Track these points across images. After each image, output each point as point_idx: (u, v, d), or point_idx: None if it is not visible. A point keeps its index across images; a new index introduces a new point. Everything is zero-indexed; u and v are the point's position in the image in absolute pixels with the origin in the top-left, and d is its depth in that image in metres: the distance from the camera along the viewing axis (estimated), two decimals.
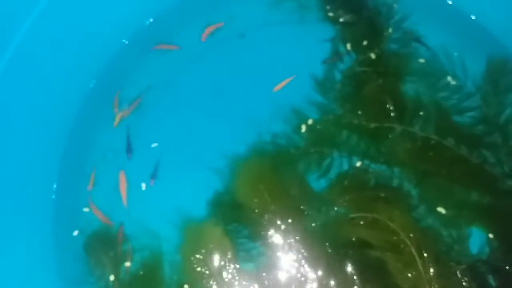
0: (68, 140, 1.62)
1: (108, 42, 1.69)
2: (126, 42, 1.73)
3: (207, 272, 1.45)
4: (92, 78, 1.69)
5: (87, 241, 1.52)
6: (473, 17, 1.67)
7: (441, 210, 1.49)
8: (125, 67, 1.71)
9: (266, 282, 1.44)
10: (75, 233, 1.54)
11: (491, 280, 1.40)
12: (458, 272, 1.41)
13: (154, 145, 1.62)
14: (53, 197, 1.58)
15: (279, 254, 1.46)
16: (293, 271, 1.45)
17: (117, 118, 1.60)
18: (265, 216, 1.50)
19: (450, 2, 1.70)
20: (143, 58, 1.73)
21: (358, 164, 1.55)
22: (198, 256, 1.47)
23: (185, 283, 1.46)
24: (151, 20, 1.74)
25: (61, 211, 1.57)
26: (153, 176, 1.58)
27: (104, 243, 1.51)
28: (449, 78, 1.61)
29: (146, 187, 1.57)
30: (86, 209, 1.56)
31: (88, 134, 1.65)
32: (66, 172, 1.61)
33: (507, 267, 1.41)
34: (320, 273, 1.44)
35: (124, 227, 1.54)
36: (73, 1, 1.52)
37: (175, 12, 1.74)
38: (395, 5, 1.70)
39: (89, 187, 1.58)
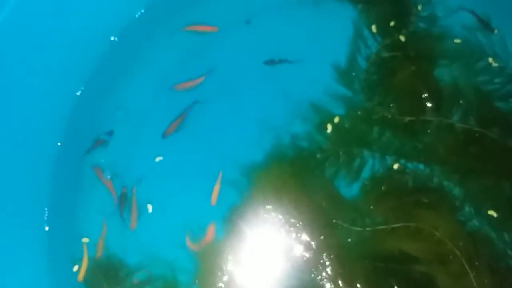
0: (56, 163, 1.40)
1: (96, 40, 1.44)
2: (116, 39, 1.48)
3: None
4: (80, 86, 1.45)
5: (88, 276, 1.31)
6: None
7: (491, 212, 1.32)
8: (115, 69, 1.47)
9: None
10: (75, 268, 1.33)
11: None
12: None
13: (158, 158, 1.40)
14: (46, 228, 1.36)
15: (313, 276, 1.28)
16: None
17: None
18: (292, 233, 1.32)
19: None
20: (138, 54, 1.50)
21: (395, 166, 1.36)
22: (219, 285, 1.29)
23: None
24: (142, 11, 1.49)
25: (56, 244, 1.35)
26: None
27: (108, 277, 1.31)
28: (489, 60, 1.42)
29: (153, 209, 1.36)
30: (85, 240, 1.35)
31: (77, 154, 1.42)
32: (58, 197, 1.39)
33: None
34: None
35: (130, 256, 1.34)
36: None
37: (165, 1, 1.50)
38: None
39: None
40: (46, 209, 1.36)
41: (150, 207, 1.37)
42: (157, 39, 1.50)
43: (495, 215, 1.32)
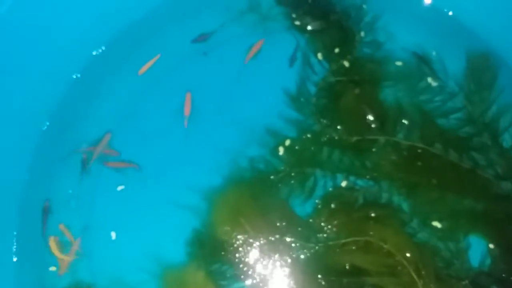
0: (23, 195, 1.47)
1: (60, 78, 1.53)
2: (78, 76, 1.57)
3: None
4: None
5: None
6: (448, 12, 1.56)
7: (435, 223, 1.39)
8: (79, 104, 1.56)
9: None
10: None
11: None
12: None
13: (120, 187, 1.48)
14: (15, 259, 1.42)
15: None
16: None
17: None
18: (250, 252, 1.38)
19: None
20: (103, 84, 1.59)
21: (344, 183, 1.44)
22: None
23: None
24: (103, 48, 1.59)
25: (24, 273, 1.41)
26: None
27: None
28: (429, 80, 1.52)
29: (116, 236, 1.43)
30: (52, 268, 1.41)
31: (44, 186, 1.49)
32: (26, 228, 1.45)
33: (511, 278, 1.33)
34: None
35: (97, 282, 1.40)
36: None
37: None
38: (364, 6, 1.59)
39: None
40: (14, 240, 1.43)
41: (113, 234, 1.43)
42: (118, 76, 1.59)
43: (440, 226, 1.40)
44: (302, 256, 1.37)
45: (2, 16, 1.32)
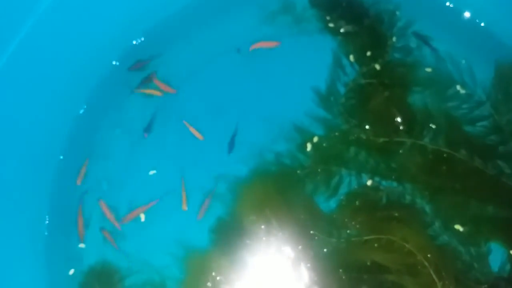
0: (58, 169, 1.53)
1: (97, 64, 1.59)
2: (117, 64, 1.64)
3: None
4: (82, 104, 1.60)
5: (84, 279, 1.41)
6: (479, 22, 1.59)
7: (457, 227, 1.41)
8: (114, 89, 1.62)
9: None
10: (71, 271, 1.44)
11: None
12: None
13: (152, 172, 1.53)
14: (46, 233, 1.48)
15: (290, 282, 1.38)
16: None
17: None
18: (273, 243, 1.42)
19: (451, 5, 1.62)
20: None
21: (369, 182, 1.47)
22: None
23: None
24: (142, 39, 1.65)
25: (54, 248, 1.46)
26: (147, 129, 1.52)
27: (102, 281, 1.41)
28: (458, 87, 1.54)
29: (145, 218, 1.47)
30: (81, 245, 1.46)
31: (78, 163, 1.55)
32: (58, 204, 1.51)
33: None
34: None
35: (122, 261, 1.44)
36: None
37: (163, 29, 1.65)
38: (397, 12, 1.62)
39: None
40: (46, 215, 1.48)
41: (142, 217, 1.48)
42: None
43: (462, 230, 1.42)
44: (324, 250, 1.40)
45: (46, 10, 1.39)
